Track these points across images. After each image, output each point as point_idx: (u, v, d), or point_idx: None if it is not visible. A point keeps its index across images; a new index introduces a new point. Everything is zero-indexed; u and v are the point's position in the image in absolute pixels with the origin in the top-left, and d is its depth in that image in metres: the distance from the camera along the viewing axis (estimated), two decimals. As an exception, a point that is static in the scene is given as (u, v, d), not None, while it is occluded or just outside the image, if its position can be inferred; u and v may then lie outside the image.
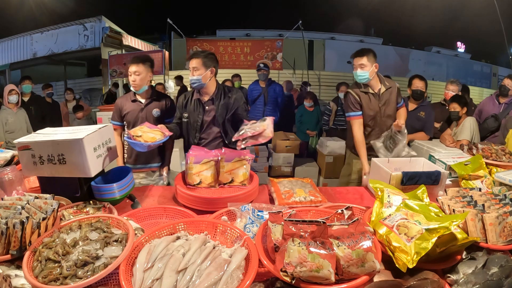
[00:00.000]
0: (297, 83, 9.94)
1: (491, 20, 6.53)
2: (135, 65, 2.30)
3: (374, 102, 2.52)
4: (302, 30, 8.51)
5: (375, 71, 2.46)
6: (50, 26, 8.04)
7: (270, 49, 7.78)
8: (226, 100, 2.23)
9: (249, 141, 1.73)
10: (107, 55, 7.09)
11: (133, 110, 2.39)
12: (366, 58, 2.37)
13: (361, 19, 15.77)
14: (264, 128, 1.72)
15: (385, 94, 2.53)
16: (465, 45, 18.40)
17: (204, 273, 0.98)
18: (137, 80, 2.31)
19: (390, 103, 2.55)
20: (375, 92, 2.51)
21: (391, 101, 2.56)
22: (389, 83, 2.57)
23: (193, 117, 2.24)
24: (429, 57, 15.74)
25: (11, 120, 3.82)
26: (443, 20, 15.77)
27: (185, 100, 2.28)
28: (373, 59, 2.41)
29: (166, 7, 16.07)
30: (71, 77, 11.29)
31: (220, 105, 2.21)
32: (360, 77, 2.42)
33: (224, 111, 2.23)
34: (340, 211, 1.29)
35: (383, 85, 2.52)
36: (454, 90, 3.47)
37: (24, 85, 4.50)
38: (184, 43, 8.34)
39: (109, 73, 6.97)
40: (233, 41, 8.64)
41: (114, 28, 7.81)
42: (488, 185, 1.76)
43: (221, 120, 2.22)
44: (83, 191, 1.62)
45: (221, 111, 2.22)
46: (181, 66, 9.87)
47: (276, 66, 7.69)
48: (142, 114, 2.39)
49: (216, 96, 2.23)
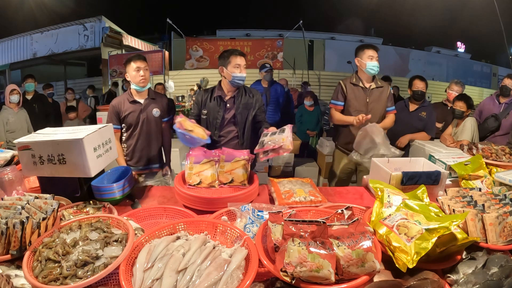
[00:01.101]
0: (297, 83, 9.94)
1: (491, 20, 6.52)
2: (140, 61, 2.29)
3: (362, 96, 2.59)
4: (302, 30, 8.51)
5: None
6: (50, 26, 8.04)
7: (271, 48, 7.77)
8: (247, 100, 2.26)
9: (270, 153, 1.73)
10: (107, 55, 7.08)
11: (133, 111, 2.34)
12: (377, 52, 2.51)
13: (361, 19, 15.78)
14: (284, 141, 1.72)
15: (375, 91, 2.59)
16: (465, 45, 18.40)
17: (204, 273, 0.98)
18: (146, 75, 2.30)
19: (379, 101, 2.60)
20: (365, 87, 2.58)
21: (380, 100, 2.60)
22: (382, 83, 2.63)
23: (213, 114, 2.24)
24: (429, 57, 15.74)
25: (12, 120, 3.83)
26: (443, 20, 15.78)
27: (205, 97, 2.27)
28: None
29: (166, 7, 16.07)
30: (71, 77, 11.29)
31: (241, 104, 2.24)
32: (374, 68, 2.50)
33: (245, 110, 2.25)
34: (340, 211, 1.29)
35: (374, 83, 2.60)
36: (458, 91, 3.47)
37: (27, 83, 4.50)
38: (184, 43, 8.33)
39: (109, 73, 6.97)
40: (233, 40, 8.64)
41: (114, 28, 7.81)
42: (488, 185, 1.76)
43: (240, 119, 2.23)
44: (83, 191, 1.62)
45: (242, 110, 2.24)
46: (181, 66, 9.87)
47: (276, 65, 7.67)
48: (143, 115, 2.36)
49: (237, 94, 2.25)
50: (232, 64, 2.15)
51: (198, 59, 8.32)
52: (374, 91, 2.59)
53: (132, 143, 2.39)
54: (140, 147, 2.40)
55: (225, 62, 2.17)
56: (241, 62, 2.16)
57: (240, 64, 2.16)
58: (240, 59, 2.16)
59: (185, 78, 11.07)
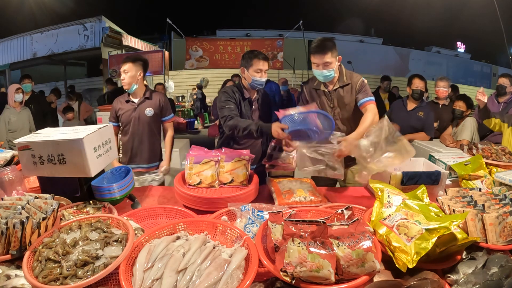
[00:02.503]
0: (297, 83, 9.94)
1: (491, 20, 6.53)
2: (124, 64, 2.36)
3: (325, 102, 2.11)
4: (302, 30, 8.51)
5: (338, 64, 2.04)
6: (50, 26, 8.05)
7: (271, 48, 7.77)
8: (268, 98, 2.28)
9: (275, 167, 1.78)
10: (107, 55, 7.09)
11: (127, 110, 2.42)
12: (330, 54, 1.93)
13: (361, 19, 15.80)
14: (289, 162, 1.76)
15: (338, 93, 2.07)
16: (465, 45, 18.43)
17: (204, 273, 0.98)
18: (126, 78, 2.35)
19: (345, 103, 2.07)
20: (327, 91, 2.09)
21: (346, 101, 2.07)
22: (349, 79, 2.07)
23: (245, 115, 2.18)
24: (429, 57, 15.77)
25: (13, 120, 3.84)
26: (443, 20, 15.79)
27: (237, 94, 2.19)
28: (336, 52, 1.97)
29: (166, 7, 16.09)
30: (71, 77, 11.31)
31: (265, 104, 2.27)
32: (325, 77, 2.00)
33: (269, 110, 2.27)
34: (340, 211, 1.29)
35: (338, 82, 2.07)
36: (445, 86, 3.46)
37: (24, 84, 4.51)
38: (184, 43, 8.34)
39: (109, 73, 6.97)
40: (233, 40, 8.64)
41: (114, 28, 7.82)
42: (488, 185, 1.76)
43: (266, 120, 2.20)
44: (83, 191, 1.61)
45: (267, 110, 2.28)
46: (181, 66, 9.88)
47: (276, 65, 7.68)
48: (135, 114, 2.42)
49: (258, 95, 2.27)
50: (254, 68, 2.10)
51: (198, 59, 8.33)
52: (336, 93, 2.08)
53: (126, 140, 2.48)
54: (135, 145, 2.46)
55: (247, 64, 2.12)
56: (264, 67, 2.11)
57: (262, 69, 2.11)
58: (263, 64, 2.11)
59: (185, 78, 11.08)
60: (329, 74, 1.99)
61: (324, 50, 1.92)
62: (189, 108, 10.23)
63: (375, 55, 14.21)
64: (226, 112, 2.08)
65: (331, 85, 2.09)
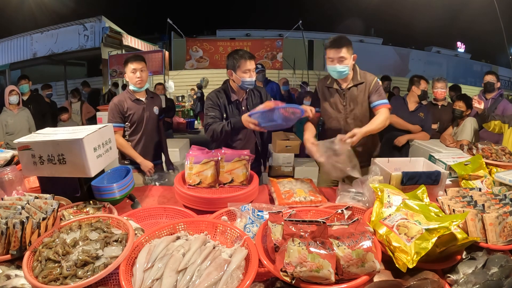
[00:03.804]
0: (297, 83, 9.94)
1: (491, 20, 6.53)
2: (137, 62, 2.31)
3: (338, 101, 2.12)
4: (302, 30, 8.51)
5: (353, 63, 2.05)
6: (50, 26, 8.05)
7: (270, 48, 7.77)
8: (257, 99, 2.26)
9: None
10: (107, 55, 7.08)
11: (137, 110, 2.40)
12: (346, 49, 1.95)
13: (361, 19, 15.80)
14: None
15: (352, 92, 2.08)
16: (465, 45, 18.44)
17: (204, 273, 0.98)
18: (143, 76, 2.33)
19: (358, 102, 2.08)
20: (340, 89, 2.10)
21: (359, 100, 2.08)
22: (363, 78, 2.08)
23: (233, 117, 2.15)
24: (429, 57, 15.77)
25: (10, 122, 3.81)
26: (443, 20, 15.79)
27: (222, 100, 2.19)
28: (351, 49, 2.00)
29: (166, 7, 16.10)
30: (71, 77, 11.29)
31: (254, 105, 2.20)
32: (339, 73, 2.00)
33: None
34: (340, 211, 1.29)
35: (352, 80, 2.08)
36: (442, 88, 3.47)
37: (21, 85, 4.50)
38: (184, 43, 8.33)
39: (109, 73, 6.97)
40: (233, 40, 8.64)
41: (114, 28, 7.82)
42: (488, 185, 1.76)
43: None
44: (83, 191, 1.62)
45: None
46: (181, 66, 9.88)
47: (276, 65, 7.67)
48: (146, 113, 2.43)
49: (248, 96, 2.25)
50: (242, 69, 2.09)
51: (198, 60, 8.33)
52: (351, 91, 2.09)
53: (136, 139, 2.44)
54: (145, 143, 2.47)
55: (234, 66, 2.11)
56: (251, 66, 2.10)
57: (250, 68, 2.10)
58: (250, 63, 2.09)
59: (185, 78, 11.08)
60: (344, 70, 1.99)
61: (340, 45, 1.94)
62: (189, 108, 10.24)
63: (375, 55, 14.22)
64: (207, 120, 2.14)
65: (344, 83, 2.09)
